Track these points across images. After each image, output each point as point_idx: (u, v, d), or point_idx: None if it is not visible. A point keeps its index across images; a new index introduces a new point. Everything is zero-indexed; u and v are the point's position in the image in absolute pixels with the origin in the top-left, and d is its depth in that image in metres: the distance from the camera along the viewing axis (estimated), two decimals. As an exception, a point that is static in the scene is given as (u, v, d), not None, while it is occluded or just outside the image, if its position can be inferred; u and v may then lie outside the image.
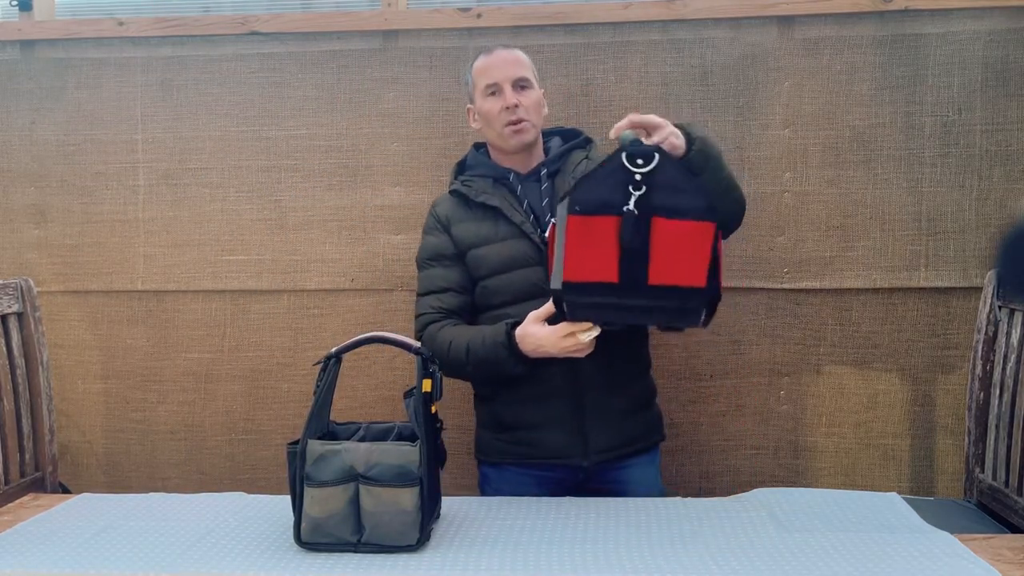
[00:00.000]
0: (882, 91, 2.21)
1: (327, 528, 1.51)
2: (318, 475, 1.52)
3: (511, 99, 1.88)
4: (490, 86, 1.91)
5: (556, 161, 1.95)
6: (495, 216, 1.90)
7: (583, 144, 2.00)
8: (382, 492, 1.50)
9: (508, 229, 1.89)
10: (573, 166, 1.93)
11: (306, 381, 2.37)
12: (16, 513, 1.78)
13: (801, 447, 2.29)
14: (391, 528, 1.50)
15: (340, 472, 1.51)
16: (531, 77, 1.93)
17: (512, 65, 1.92)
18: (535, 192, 1.92)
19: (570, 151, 1.97)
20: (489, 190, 1.92)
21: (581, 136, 2.02)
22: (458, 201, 1.96)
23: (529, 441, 1.89)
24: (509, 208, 1.89)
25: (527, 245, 1.87)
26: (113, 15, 2.44)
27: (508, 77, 1.90)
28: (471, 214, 1.93)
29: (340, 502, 1.50)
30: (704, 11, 2.23)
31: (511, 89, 1.89)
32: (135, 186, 2.42)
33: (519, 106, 1.88)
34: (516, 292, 1.87)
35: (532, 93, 1.92)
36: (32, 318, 1.98)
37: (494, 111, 1.90)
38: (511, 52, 1.94)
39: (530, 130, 1.91)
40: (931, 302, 2.23)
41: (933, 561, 1.45)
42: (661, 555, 1.49)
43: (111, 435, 2.46)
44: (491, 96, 1.91)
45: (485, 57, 1.94)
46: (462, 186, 1.95)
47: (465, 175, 1.99)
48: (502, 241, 1.89)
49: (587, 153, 1.97)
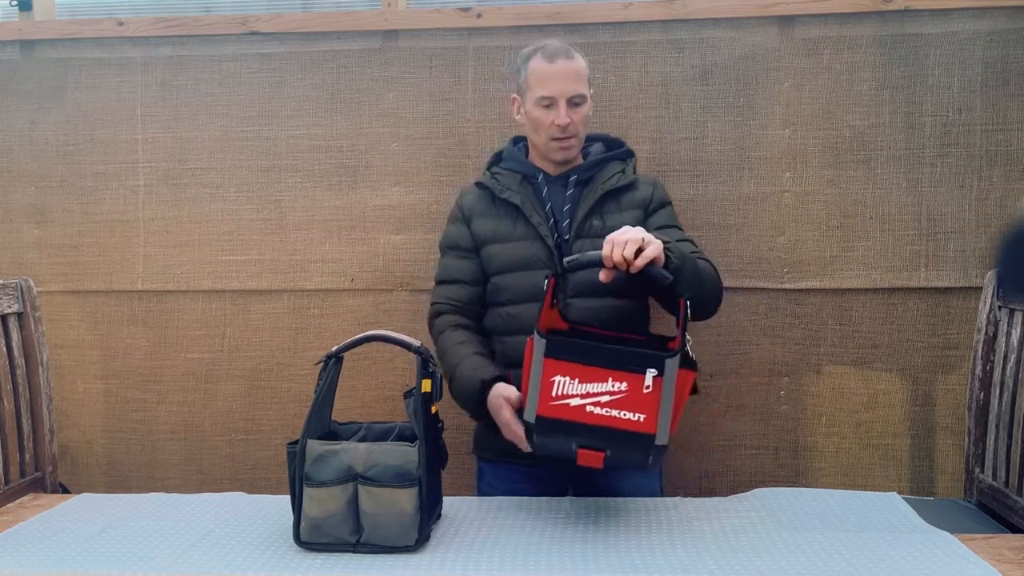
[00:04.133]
0: (882, 91, 2.21)
1: (326, 528, 1.51)
2: (317, 475, 1.51)
3: (564, 119, 1.85)
4: (546, 98, 1.86)
5: (589, 169, 1.94)
6: (515, 214, 1.90)
7: (623, 156, 1.98)
8: (381, 493, 1.50)
9: (525, 229, 1.89)
10: (605, 178, 1.92)
11: (306, 381, 2.37)
12: (16, 513, 1.78)
13: (801, 447, 2.29)
14: (390, 529, 1.50)
15: (339, 472, 1.51)
16: (587, 91, 1.89)
17: (572, 80, 1.86)
18: (560, 196, 1.91)
19: (608, 161, 1.95)
20: (514, 187, 1.92)
21: (623, 148, 2.00)
22: (483, 194, 1.96)
23: None
24: (530, 209, 1.89)
25: (540, 247, 1.87)
26: (113, 15, 2.45)
27: (565, 93, 1.85)
28: (493, 209, 1.93)
29: (339, 502, 1.50)
30: (704, 11, 2.23)
31: (566, 106, 1.86)
32: (135, 186, 2.42)
33: (571, 125, 1.87)
34: (523, 292, 1.87)
35: (583, 109, 1.88)
36: (32, 318, 1.98)
37: (544, 123, 1.87)
38: (572, 63, 1.88)
39: (576, 146, 1.91)
40: (931, 302, 2.23)
41: (933, 561, 1.45)
42: (661, 555, 1.49)
43: (111, 435, 2.46)
44: (544, 108, 1.87)
45: (545, 62, 1.87)
46: (490, 179, 1.95)
47: (497, 167, 1.98)
48: (517, 241, 1.89)
49: (624, 166, 1.95)
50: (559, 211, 1.90)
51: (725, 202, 2.26)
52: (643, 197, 1.94)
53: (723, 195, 2.26)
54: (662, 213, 1.95)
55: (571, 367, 1.51)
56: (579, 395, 1.51)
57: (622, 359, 1.51)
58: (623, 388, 1.50)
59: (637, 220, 1.89)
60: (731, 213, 2.26)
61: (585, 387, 1.51)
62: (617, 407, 1.50)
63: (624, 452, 1.51)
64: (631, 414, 1.50)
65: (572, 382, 1.51)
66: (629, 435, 1.50)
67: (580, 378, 1.51)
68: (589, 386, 1.51)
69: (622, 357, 1.52)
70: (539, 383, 1.52)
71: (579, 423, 1.50)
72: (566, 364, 1.52)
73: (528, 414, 1.54)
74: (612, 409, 1.50)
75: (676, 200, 2.26)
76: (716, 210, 2.26)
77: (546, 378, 1.52)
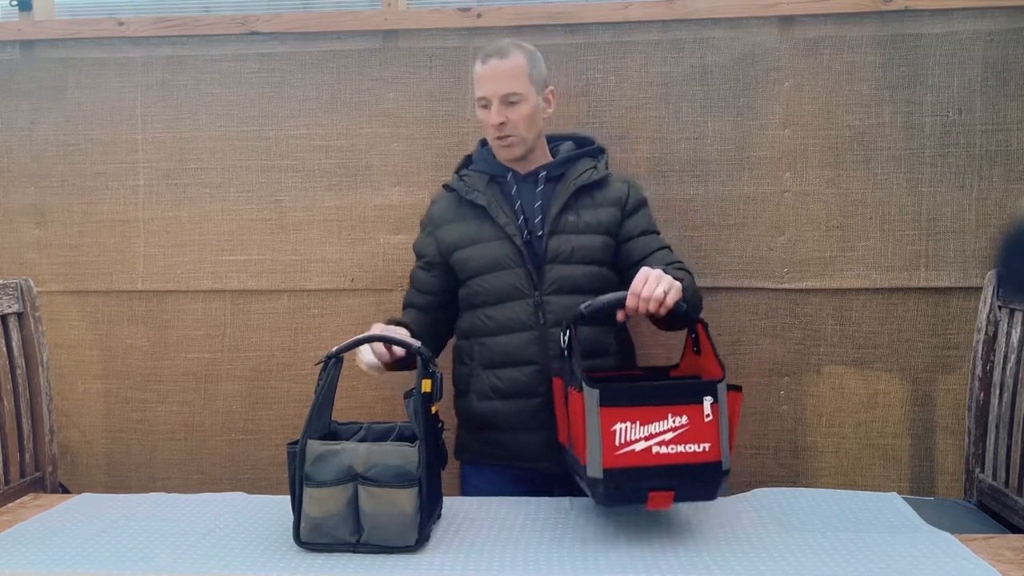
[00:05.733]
0: (882, 91, 2.21)
1: (326, 528, 1.51)
2: (317, 475, 1.51)
3: (495, 118, 1.88)
4: (481, 99, 1.91)
5: (560, 166, 1.96)
6: (482, 215, 1.92)
7: (594, 153, 2.00)
8: (381, 493, 1.49)
9: (493, 230, 1.91)
10: (577, 173, 1.94)
11: (306, 381, 2.37)
12: (16, 513, 1.78)
13: (801, 447, 2.29)
14: (390, 529, 1.50)
15: (339, 472, 1.51)
16: (523, 88, 1.89)
17: (503, 79, 1.88)
18: (530, 193, 1.93)
19: (578, 158, 1.97)
20: (481, 188, 1.94)
21: (594, 145, 2.02)
22: (451, 198, 1.98)
23: (502, 443, 1.92)
24: (496, 209, 1.91)
25: (509, 247, 1.89)
26: (113, 15, 2.44)
27: (496, 92, 1.88)
28: (460, 212, 1.95)
29: (339, 502, 1.50)
30: (704, 11, 2.23)
31: (498, 105, 1.88)
32: (135, 186, 2.42)
33: (505, 123, 1.88)
34: (496, 293, 1.89)
35: (521, 107, 1.89)
36: (32, 318, 1.98)
37: (486, 123, 1.92)
38: (504, 61, 1.89)
39: (518, 144, 1.91)
40: (931, 302, 2.23)
41: (933, 561, 1.45)
42: (661, 555, 1.49)
43: (111, 435, 2.46)
44: (483, 108, 1.92)
45: (480, 65, 1.92)
46: (457, 181, 1.98)
47: (466, 170, 2.01)
48: (487, 242, 1.91)
49: (596, 163, 1.97)
50: (529, 208, 1.91)
51: (725, 202, 2.26)
52: (618, 195, 1.95)
53: (723, 195, 2.26)
54: (641, 216, 1.97)
55: (630, 411, 1.47)
56: (643, 438, 1.47)
57: (678, 392, 1.50)
58: (684, 421, 1.48)
59: (613, 217, 1.93)
60: (731, 213, 2.26)
61: (647, 428, 1.47)
62: (682, 441, 1.47)
63: (694, 485, 1.50)
64: (695, 446, 1.48)
65: (633, 426, 1.48)
66: (697, 467, 1.48)
67: (641, 420, 1.47)
68: (651, 427, 1.47)
69: (678, 390, 1.51)
70: (599, 435, 1.48)
71: (648, 467, 1.47)
72: (624, 409, 1.47)
73: (593, 469, 1.49)
74: (677, 445, 1.47)
75: (676, 200, 2.27)
76: (716, 210, 2.26)
77: (606, 428, 1.47)
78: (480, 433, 1.94)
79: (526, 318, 1.88)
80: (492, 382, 1.90)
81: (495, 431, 1.92)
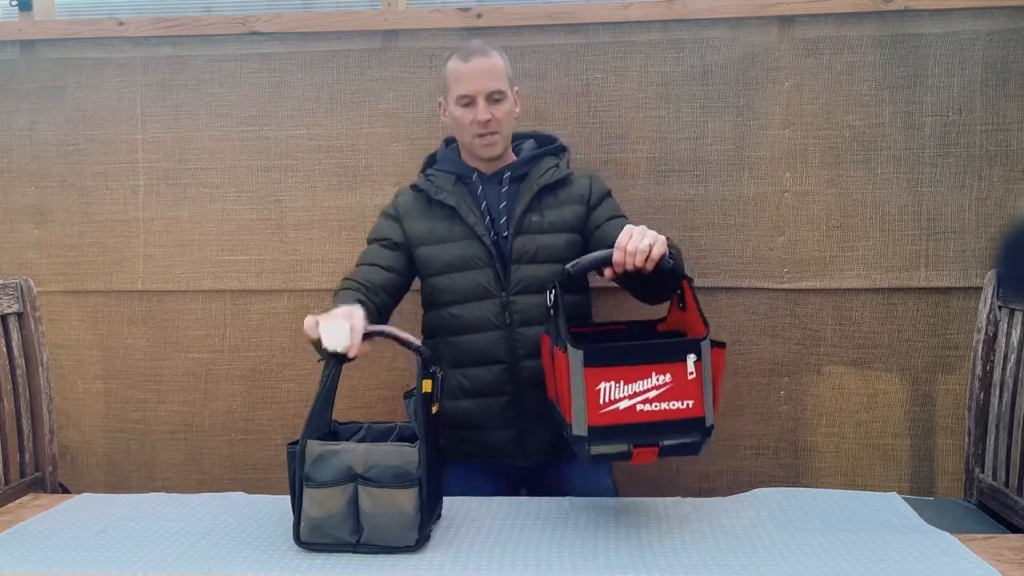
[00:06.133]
0: (882, 91, 2.21)
1: (326, 528, 1.51)
2: (317, 475, 1.51)
3: (483, 115, 1.88)
4: (463, 96, 1.89)
5: (523, 166, 1.96)
6: (451, 215, 1.92)
7: (556, 152, 2.00)
8: (381, 493, 1.49)
9: (462, 229, 1.91)
10: (540, 173, 1.94)
11: (306, 381, 2.37)
12: (16, 513, 1.78)
13: (801, 447, 2.29)
14: (390, 529, 1.50)
15: (339, 472, 1.51)
16: (504, 87, 1.90)
17: (487, 77, 1.89)
18: (495, 193, 1.94)
19: (541, 157, 1.97)
20: (449, 188, 1.94)
21: (556, 143, 2.02)
22: (418, 195, 1.98)
23: (471, 440, 1.93)
24: (465, 209, 1.91)
25: (478, 246, 1.89)
26: (113, 15, 2.44)
27: (482, 90, 1.88)
28: (428, 211, 1.95)
29: (339, 503, 1.50)
30: (704, 11, 2.23)
31: (484, 103, 1.88)
32: (135, 186, 2.42)
33: (491, 121, 1.88)
34: (463, 292, 1.89)
35: (504, 105, 1.90)
36: (32, 318, 1.98)
37: (465, 121, 1.90)
38: (486, 60, 1.90)
39: (500, 142, 1.92)
40: (931, 302, 2.23)
41: (933, 561, 1.45)
42: (661, 555, 1.49)
43: (111, 435, 2.46)
44: (464, 107, 1.90)
45: (461, 63, 1.90)
46: (424, 181, 1.97)
47: (432, 169, 2.00)
48: (456, 241, 1.91)
49: (558, 161, 1.97)
50: (495, 209, 1.92)
51: (725, 202, 2.26)
52: (580, 192, 1.95)
53: (723, 195, 2.26)
54: (606, 205, 1.96)
55: (614, 371, 1.50)
56: (627, 396, 1.50)
57: (661, 351, 1.51)
58: (667, 380, 1.50)
59: (577, 214, 1.93)
60: (731, 213, 2.26)
61: (631, 387, 1.50)
62: (665, 399, 1.50)
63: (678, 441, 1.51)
64: (679, 403, 1.50)
65: (618, 385, 1.50)
66: (681, 423, 1.50)
67: (625, 379, 1.50)
68: (635, 385, 1.50)
69: (662, 349, 1.52)
70: (584, 394, 1.50)
71: (632, 424, 1.50)
72: (608, 369, 1.50)
73: (578, 427, 1.51)
74: (661, 402, 1.50)
75: (676, 200, 2.27)
76: (716, 210, 2.26)
77: (590, 388, 1.50)
78: (450, 431, 1.94)
79: (493, 318, 1.88)
80: (459, 381, 1.91)
81: (464, 429, 1.92)
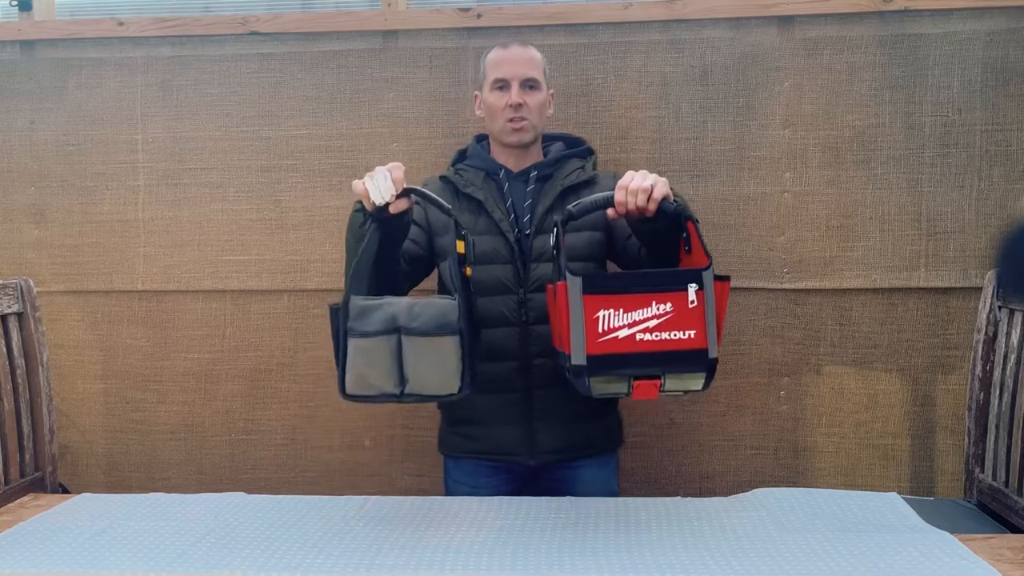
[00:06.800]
0: (882, 91, 2.21)
1: (370, 379, 1.54)
2: (361, 327, 1.54)
3: (516, 98, 1.91)
4: (499, 80, 1.94)
5: (550, 166, 1.98)
6: (478, 209, 1.93)
7: (583, 154, 2.02)
8: (425, 342, 1.52)
9: (487, 224, 1.92)
10: (565, 174, 1.95)
11: (306, 381, 2.37)
12: (16, 513, 1.78)
13: (801, 447, 2.29)
14: (433, 378, 1.53)
15: (383, 323, 1.54)
16: (540, 78, 1.96)
17: (524, 64, 1.94)
18: (521, 191, 1.95)
19: (568, 158, 1.99)
20: (478, 183, 1.95)
21: (583, 146, 2.04)
22: (446, 187, 1.98)
23: (479, 436, 1.93)
24: (492, 204, 1.92)
25: (502, 242, 1.90)
26: (113, 15, 2.44)
27: (518, 75, 1.93)
28: (455, 203, 1.94)
29: (383, 353, 1.53)
30: (704, 11, 2.23)
31: (518, 87, 1.92)
32: (135, 186, 2.41)
33: (523, 106, 1.91)
34: (487, 286, 1.89)
35: (538, 95, 1.95)
36: (32, 318, 1.98)
37: (498, 106, 1.93)
38: (526, 50, 1.97)
39: (529, 130, 1.94)
40: (931, 302, 2.23)
41: (933, 561, 1.45)
42: (661, 555, 1.49)
43: (111, 435, 2.46)
44: (498, 91, 1.94)
45: (501, 50, 1.97)
46: (454, 174, 1.99)
47: (461, 164, 2.02)
48: (480, 235, 1.91)
49: (584, 163, 1.98)
50: (520, 207, 1.94)
51: (725, 202, 2.26)
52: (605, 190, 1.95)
53: (723, 195, 2.26)
54: None
55: (613, 299, 1.48)
56: (626, 325, 1.47)
57: (662, 280, 1.49)
58: (668, 309, 1.47)
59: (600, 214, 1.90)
60: (731, 213, 2.26)
61: (631, 315, 1.47)
62: (666, 328, 1.47)
63: (680, 373, 1.49)
64: (681, 333, 1.47)
65: (617, 313, 1.48)
66: (683, 354, 1.47)
67: (624, 307, 1.48)
68: (634, 314, 1.47)
69: (661, 278, 1.50)
70: (582, 323, 1.48)
71: (631, 354, 1.47)
72: (607, 297, 1.48)
73: (577, 357, 1.49)
74: (662, 332, 1.47)
75: (676, 200, 2.27)
76: (716, 210, 2.26)
77: (589, 316, 1.48)
78: (459, 426, 1.96)
79: (509, 314, 1.89)
80: None
81: (472, 424, 1.93)
